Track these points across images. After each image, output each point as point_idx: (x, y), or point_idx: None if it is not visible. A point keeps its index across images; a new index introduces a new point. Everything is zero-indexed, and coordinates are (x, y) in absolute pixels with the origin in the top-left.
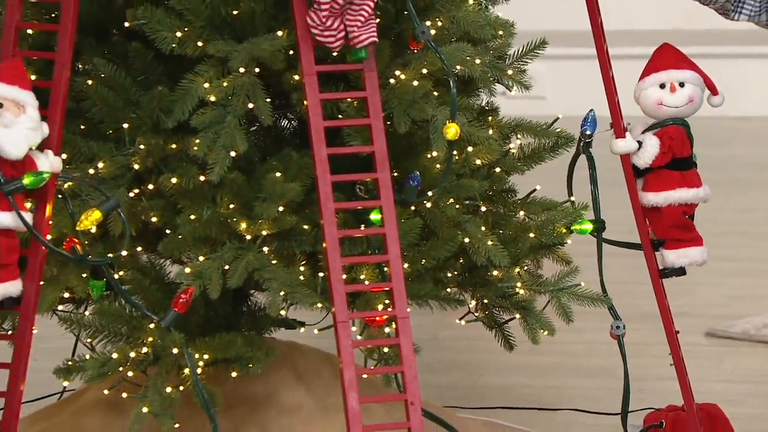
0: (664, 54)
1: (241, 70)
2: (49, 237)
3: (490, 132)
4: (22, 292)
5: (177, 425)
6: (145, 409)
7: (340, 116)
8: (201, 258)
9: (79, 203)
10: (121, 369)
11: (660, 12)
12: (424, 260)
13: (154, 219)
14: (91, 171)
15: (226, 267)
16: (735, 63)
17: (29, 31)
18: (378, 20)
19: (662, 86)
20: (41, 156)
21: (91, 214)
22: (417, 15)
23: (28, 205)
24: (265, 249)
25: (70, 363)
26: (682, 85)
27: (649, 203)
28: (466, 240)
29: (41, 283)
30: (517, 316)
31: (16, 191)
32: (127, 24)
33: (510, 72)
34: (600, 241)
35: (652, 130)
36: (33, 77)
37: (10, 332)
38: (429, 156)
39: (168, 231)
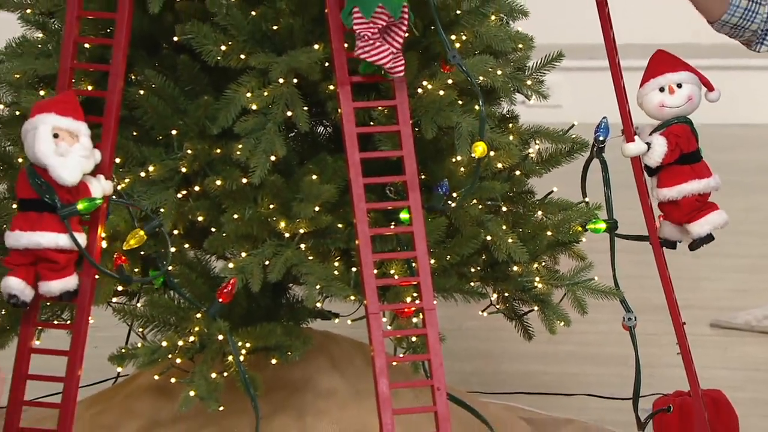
0: (659, 59)
1: (281, 80)
2: (103, 235)
3: (511, 138)
4: (78, 286)
5: (221, 408)
6: (192, 393)
7: (371, 123)
8: (243, 254)
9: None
10: (169, 356)
11: (669, 27)
12: (449, 256)
13: (200, 218)
14: (143, 174)
15: (267, 262)
16: (739, 74)
17: (86, 45)
18: (407, 34)
19: (662, 89)
20: (94, 181)
21: (136, 234)
22: (444, 30)
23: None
24: (303, 246)
25: (123, 350)
26: (679, 86)
27: (665, 198)
28: (488, 238)
29: (96, 277)
30: (536, 308)
31: (71, 215)
32: (175, 38)
33: (529, 82)
34: (613, 239)
35: (658, 131)
36: (89, 87)
37: (68, 322)
38: (454, 160)
39: (213, 229)
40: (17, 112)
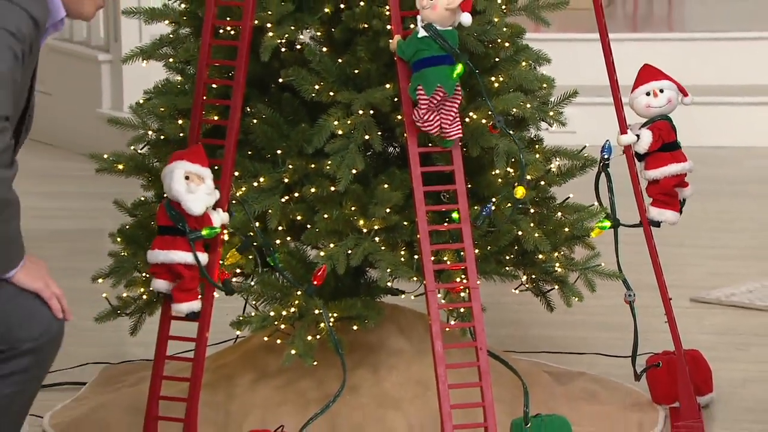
0: (646, 71)
1: (360, 112)
2: (226, 235)
3: (537, 156)
4: (201, 309)
5: (315, 363)
6: (293, 351)
7: (429, 144)
8: (331, 245)
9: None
10: (276, 323)
11: (668, 70)
12: (489, 247)
13: (299, 217)
14: (255, 183)
15: (349, 251)
16: (715, 108)
17: (213, 85)
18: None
19: (648, 93)
20: (215, 213)
21: (232, 254)
22: (485, 73)
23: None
24: (377, 239)
25: (241, 318)
26: (662, 91)
27: (650, 177)
28: (519, 233)
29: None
30: (556, 287)
31: (196, 239)
32: (281, 80)
33: (551, 113)
34: (616, 233)
35: (645, 126)
36: (216, 117)
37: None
38: (493, 173)
39: (308, 226)
40: (162, 137)
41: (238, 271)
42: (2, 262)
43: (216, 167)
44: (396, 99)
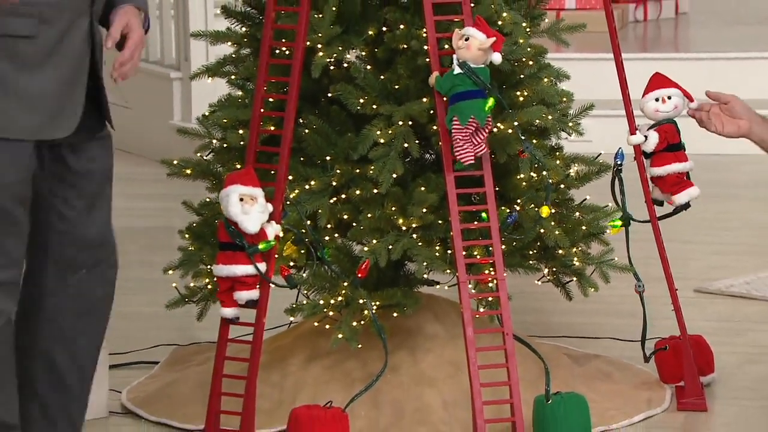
0: (656, 79)
1: (400, 123)
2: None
3: (557, 162)
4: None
5: (359, 346)
6: (340, 335)
7: None
8: (374, 241)
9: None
10: (325, 310)
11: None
12: (514, 243)
13: (345, 216)
14: (307, 186)
15: (390, 247)
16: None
17: (270, 99)
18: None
19: (657, 99)
20: (269, 227)
21: (288, 246)
22: (510, 88)
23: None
24: (414, 236)
25: (294, 306)
26: (669, 97)
27: (655, 174)
28: (542, 230)
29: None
30: (574, 278)
31: (255, 253)
32: (329, 94)
33: (570, 124)
34: (627, 231)
35: (653, 128)
36: (272, 128)
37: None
38: (518, 177)
39: (354, 224)
40: (225, 145)
41: (291, 263)
42: None
43: (272, 172)
44: (432, 111)
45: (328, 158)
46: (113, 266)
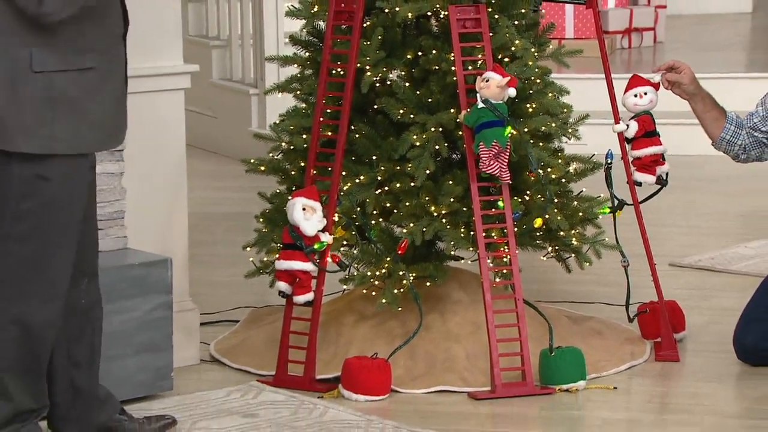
0: (634, 79)
1: (432, 129)
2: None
3: (559, 160)
4: (314, 298)
5: (399, 309)
6: (384, 300)
7: None
8: (411, 225)
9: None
10: (371, 280)
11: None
12: (524, 225)
13: (388, 204)
14: (357, 180)
15: (424, 229)
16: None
17: (328, 110)
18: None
19: (635, 95)
20: (323, 235)
21: (338, 230)
22: (522, 101)
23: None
24: (444, 220)
25: (347, 276)
26: (645, 93)
27: (635, 156)
28: (547, 216)
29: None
30: (573, 255)
31: (311, 252)
32: (375, 106)
33: (569, 130)
34: (615, 217)
35: (633, 119)
36: (329, 133)
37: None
38: (527, 173)
39: (395, 211)
40: (291, 147)
41: (344, 243)
42: None
43: (329, 169)
44: (458, 120)
45: (374, 157)
46: None
